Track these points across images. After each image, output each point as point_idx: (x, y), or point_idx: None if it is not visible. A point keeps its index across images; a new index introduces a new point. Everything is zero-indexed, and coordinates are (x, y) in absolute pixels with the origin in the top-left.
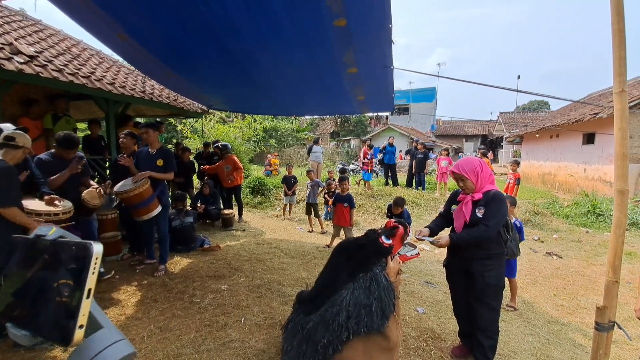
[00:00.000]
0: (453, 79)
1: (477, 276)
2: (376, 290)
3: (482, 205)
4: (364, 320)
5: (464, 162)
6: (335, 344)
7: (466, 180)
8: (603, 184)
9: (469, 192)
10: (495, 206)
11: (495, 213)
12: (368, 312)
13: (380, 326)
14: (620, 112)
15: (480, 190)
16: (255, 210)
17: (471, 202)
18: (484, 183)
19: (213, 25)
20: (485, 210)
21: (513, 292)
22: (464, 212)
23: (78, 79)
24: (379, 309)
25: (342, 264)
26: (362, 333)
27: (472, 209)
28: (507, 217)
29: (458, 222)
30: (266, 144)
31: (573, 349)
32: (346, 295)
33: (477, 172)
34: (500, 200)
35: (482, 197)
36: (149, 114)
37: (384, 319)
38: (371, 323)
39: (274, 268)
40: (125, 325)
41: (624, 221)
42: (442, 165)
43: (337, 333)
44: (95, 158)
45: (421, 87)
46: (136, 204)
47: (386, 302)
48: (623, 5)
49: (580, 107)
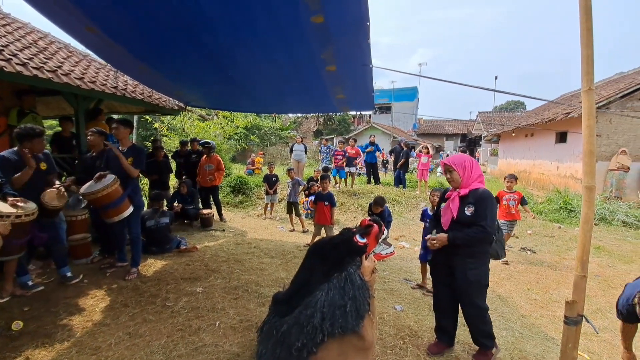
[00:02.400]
0: (434, 79)
1: (459, 273)
2: (350, 290)
3: (470, 203)
4: (339, 321)
5: (455, 156)
6: (310, 347)
7: (453, 172)
8: (575, 181)
9: (455, 185)
10: (485, 205)
11: (487, 212)
12: (343, 312)
13: (355, 326)
14: (588, 110)
15: (467, 187)
16: (236, 209)
17: (458, 197)
18: (470, 180)
19: (186, 18)
20: (476, 210)
21: (423, 274)
22: (451, 209)
23: (43, 74)
24: (354, 309)
25: (317, 264)
26: (336, 334)
27: (459, 205)
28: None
29: (445, 217)
30: (249, 142)
31: (545, 342)
32: (320, 297)
33: (466, 167)
34: (488, 199)
35: (468, 194)
36: (123, 111)
37: (358, 319)
38: (346, 324)
39: (252, 268)
40: (92, 332)
41: (591, 216)
42: (423, 161)
43: (312, 336)
44: (64, 156)
45: (403, 87)
46: (105, 205)
47: (361, 301)
48: (591, 5)
49: (554, 107)
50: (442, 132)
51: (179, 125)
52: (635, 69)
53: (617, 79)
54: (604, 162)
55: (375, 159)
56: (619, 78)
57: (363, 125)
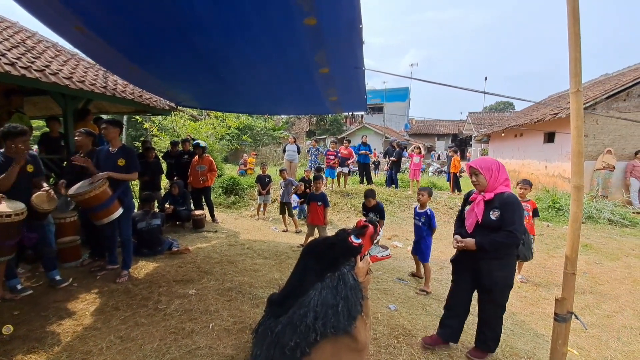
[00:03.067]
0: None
1: (485, 274)
2: (343, 290)
3: (496, 207)
4: (331, 321)
5: (481, 159)
6: (303, 347)
7: (479, 175)
8: (562, 180)
9: (480, 189)
10: (513, 210)
11: (515, 217)
12: (335, 312)
13: (347, 326)
14: (576, 111)
15: (493, 191)
16: (228, 210)
17: (483, 202)
18: (497, 183)
19: (178, 18)
20: (502, 215)
21: (427, 276)
22: (476, 212)
23: (31, 73)
24: (346, 309)
25: (311, 263)
26: (329, 334)
27: (484, 210)
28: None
29: (469, 221)
30: (241, 142)
31: (535, 339)
32: (314, 296)
33: (492, 170)
34: (515, 203)
35: (493, 198)
36: (112, 111)
37: (350, 320)
38: (338, 324)
39: (245, 270)
40: (83, 336)
41: (579, 215)
42: (415, 161)
43: (305, 335)
44: (52, 157)
45: (395, 87)
46: (94, 206)
47: (353, 302)
48: (579, 9)
49: (542, 107)
50: (433, 132)
51: (170, 125)
52: (619, 71)
53: (603, 80)
54: (591, 162)
55: (368, 159)
56: (605, 79)
57: (355, 125)
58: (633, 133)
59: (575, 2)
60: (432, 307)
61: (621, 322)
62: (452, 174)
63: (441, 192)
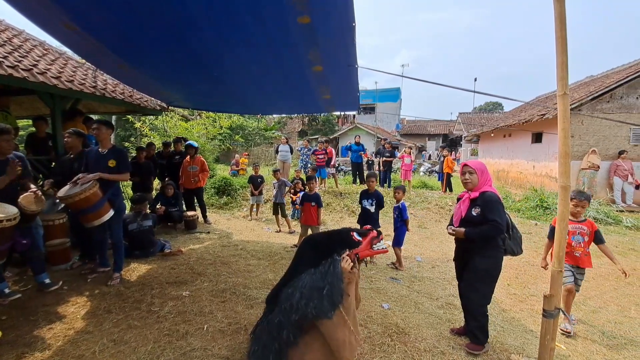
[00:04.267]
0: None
1: (469, 262)
2: (331, 275)
3: (478, 205)
4: (314, 302)
5: (476, 161)
6: (287, 326)
7: (474, 174)
8: (549, 179)
9: (470, 187)
10: (492, 206)
11: (495, 211)
12: (320, 295)
13: (328, 311)
14: (563, 114)
15: (479, 190)
16: (221, 211)
17: (469, 200)
18: (483, 184)
19: (171, 17)
20: (483, 211)
21: (398, 258)
22: (461, 209)
23: (18, 72)
24: (330, 294)
25: (308, 252)
26: (309, 315)
27: (468, 206)
28: (508, 217)
29: (456, 216)
30: (233, 143)
31: (524, 335)
32: (304, 278)
33: (484, 171)
34: (494, 201)
35: (478, 197)
36: (102, 111)
37: (332, 305)
38: (320, 306)
39: (239, 271)
40: (74, 340)
41: (566, 214)
42: (406, 162)
43: (288, 313)
44: (39, 158)
45: (386, 87)
46: (84, 209)
47: (337, 289)
48: (565, 15)
49: (530, 108)
50: (424, 133)
51: (160, 125)
52: (604, 73)
53: (588, 82)
54: (576, 162)
55: (361, 159)
56: (590, 81)
57: (347, 125)
58: (616, 134)
59: (562, 8)
60: (424, 306)
61: (605, 318)
62: (445, 174)
63: (432, 192)
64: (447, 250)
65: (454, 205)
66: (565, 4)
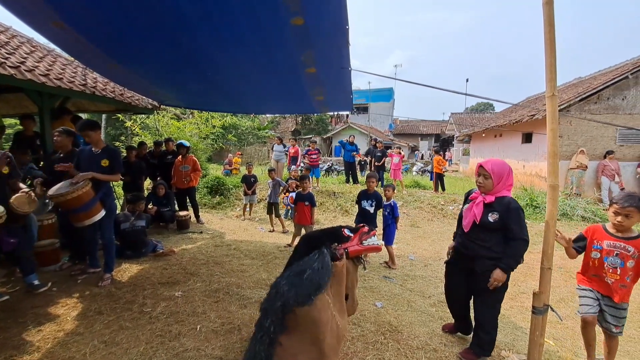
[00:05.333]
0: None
1: (480, 275)
2: (314, 261)
3: (495, 210)
4: (296, 287)
5: (495, 162)
6: (272, 315)
7: (488, 178)
8: (539, 179)
9: (484, 191)
10: (518, 216)
11: (522, 224)
12: (300, 279)
13: (308, 295)
14: (552, 115)
15: (495, 194)
16: (213, 210)
17: (482, 203)
18: (501, 189)
19: (162, 16)
20: (505, 221)
21: (391, 255)
22: (474, 212)
23: (5, 69)
24: (310, 278)
25: (302, 247)
26: (290, 301)
27: (483, 211)
28: None
29: (467, 220)
30: (226, 142)
31: (514, 332)
32: (293, 267)
33: (503, 176)
34: (519, 209)
35: (494, 201)
36: (92, 110)
37: (313, 290)
38: (300, 290)
39: (232, 270)
40: (65, 342)
41: (555, 213)
42: (395, 161)
43: (273, 301)
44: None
45: (379, 87)
46: (75, 208)
47: (318, 274)
48: (554, 18)
49: (520, 109)
50: (417, 132)
51: (152, 124)
52: (591, 74)
53: (576, 84)
54: (565, 161)
55: (354, 158)
56: (578, 82)
57: (341, 125)
58: (603, 134)
59: (550, 11)
60: (417, 304)
61: None
62: (435, 174)
63: (425, 191)
64: (439, 249)
65: (446, 205)
66: (554, 7)
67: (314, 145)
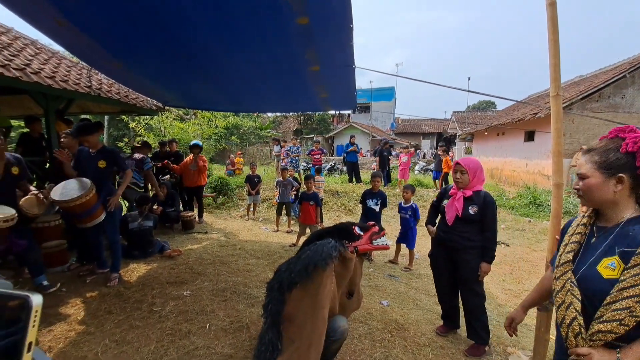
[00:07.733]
0: (411, 79)
1: (462, 264)
2: (316, 245)
3: (474, 203)
4: (293, 265)
5: (470, 160)
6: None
7: (465, 173)
8: (542, 177)
9: (461, 186)
10: (492, 210)
11: (494, 217)
12: (297, 258)
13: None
14: (556, 114)
15: (471, 188)
16: (217, 211)
17: (462, 198)
18: (476, 183)
19: (166, 16)
20: (483, 213)
21: (411, 258)
22: (456, 207)
23: (10, 72)
24: (308, 257)
25: (312, 240)
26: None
27: (463, 205)
28: None
29: (450, 214)
30: (228, 142)
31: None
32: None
33: (477, 171)
34: (493, 203)
35: (472, 195)
36: (97, 111)
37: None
38: (298, 268)
39: (239, 270)
40: (76, 341)
41: (560, 211)
42: (403, 161)
43: (274, 282)
44: (33, 159)
45: (381, 87)
46: (80, 213)
47: (317, 255)
48: (557, 19)
49: (522, 107)
50: (419, 131)
51: (156, 125)
52: (593, 72)
53: (578, 82)
54: (567, 159)
55: (356, 158)
56: (580, 80)
57: (342, 124)
58: (604, 132)
59: (554, 12)
60: (422, 302)
61: None
62: (442, 173)
63: (427, 190)
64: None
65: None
66: (557, 8)
67: (317, 145)
